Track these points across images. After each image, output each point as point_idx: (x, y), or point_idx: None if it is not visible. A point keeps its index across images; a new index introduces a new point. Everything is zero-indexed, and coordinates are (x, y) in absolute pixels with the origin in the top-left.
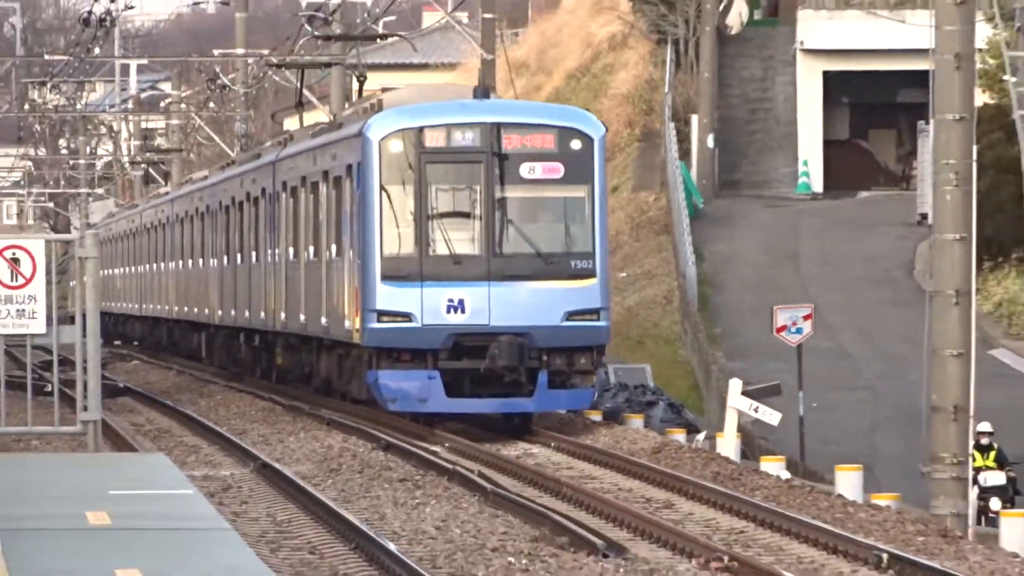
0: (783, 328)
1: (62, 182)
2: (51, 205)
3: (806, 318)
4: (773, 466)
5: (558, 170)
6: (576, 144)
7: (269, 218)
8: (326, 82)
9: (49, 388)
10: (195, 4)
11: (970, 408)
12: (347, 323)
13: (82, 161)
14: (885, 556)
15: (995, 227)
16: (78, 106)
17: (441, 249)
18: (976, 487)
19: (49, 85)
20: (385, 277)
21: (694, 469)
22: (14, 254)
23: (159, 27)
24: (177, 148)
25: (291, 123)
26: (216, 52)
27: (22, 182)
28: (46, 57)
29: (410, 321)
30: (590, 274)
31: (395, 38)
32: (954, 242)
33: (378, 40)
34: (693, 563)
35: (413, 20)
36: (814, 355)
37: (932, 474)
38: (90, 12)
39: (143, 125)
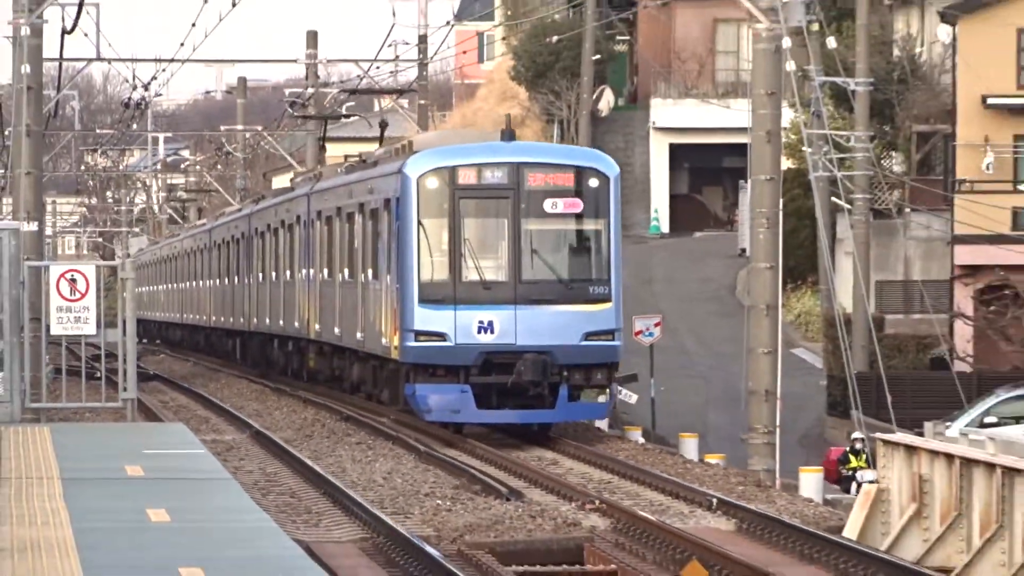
0: (639, 332)
1: (108, 223)
2: (100, 240)
3: (656, 325)
4: (633, 434)
5: (578, 205)
6: (594, 182)
7: (304, 242)
8: (302, 151)
9: (98, 374)
10: (207, 93)
11: (777, 391)
12: (384, 340)
13: (123, 207)
14: (715, 500)
15: (795, 259)
16: (120, 167)
17: (472, 275)
18: (855, 483)
19: (99, 151)
20: (422, 300)
21: (575, 436)
22: (72, 276)
23: (181, 109)
24: (206, 189)
25: (279, 181)
26: (222, 128)
27: (79, 223)
28: (97, 131)
29: (444, 340)
30: (606, 299)
31: (354, 118)
32: (765, 270)
33: (343, 119)
34: (573, 505)
35: (368, 104)
36: (662, 352)
37: (749, 440)
38: (130, 98)
39: (168, 181)
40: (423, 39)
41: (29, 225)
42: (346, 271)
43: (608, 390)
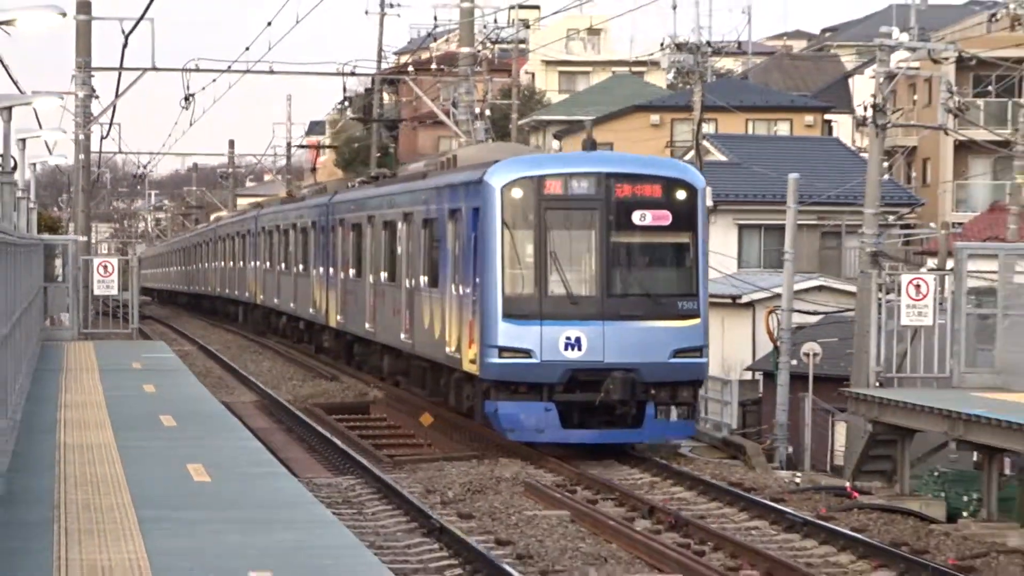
0: None
1: (124, 237)
2: (120, 246)
3: None
4: None
5: (666, 217)
6: (681, 194)
7: (322, 243)
8: (226, 199)
9: (118, 315)
10: (176, 170)
11: None
12: (448, 349)
13: (132, 230)
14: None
15: None
16: (131, 208)
17: (559, 290)
18: None
19: (119, 200)
20: (507, 315)
21: None
22: (105, 264)
23: (163, 178)
24: (196, 207)
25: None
26: (185, 188)
27: (109, 237)
28: (119, 190)
29: (530, 357)
30: (695, 314)
31: (265, 181)
32: None
33: (242, 183)
34: (364, 384)
35: (260, 176)
36: None
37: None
38: (136, 172)
39: (156, 216)
40: (289, 145)
41: (82, 238)
42: (383, 275)
43: (694, 408)
